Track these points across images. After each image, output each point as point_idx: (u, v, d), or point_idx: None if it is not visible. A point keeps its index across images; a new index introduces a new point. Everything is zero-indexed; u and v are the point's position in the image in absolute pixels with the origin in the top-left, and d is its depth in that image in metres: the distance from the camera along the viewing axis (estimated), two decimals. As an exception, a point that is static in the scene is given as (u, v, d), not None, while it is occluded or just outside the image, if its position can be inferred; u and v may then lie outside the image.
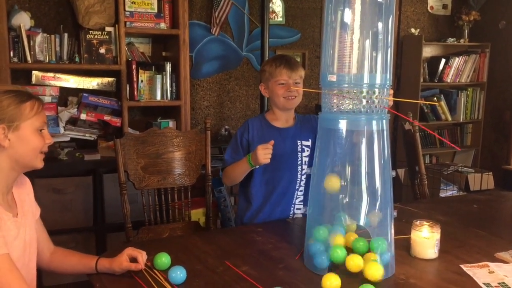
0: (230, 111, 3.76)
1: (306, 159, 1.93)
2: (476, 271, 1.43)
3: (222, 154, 3.28)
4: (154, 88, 3.15)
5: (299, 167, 1.93)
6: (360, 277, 1.35)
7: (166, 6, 3.19)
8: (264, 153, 1.73)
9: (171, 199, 2.18)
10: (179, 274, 1.33)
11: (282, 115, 1.96)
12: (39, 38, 2.92)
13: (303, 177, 1.94)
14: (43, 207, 2.63)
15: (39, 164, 1.36)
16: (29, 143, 1.30)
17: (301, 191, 1.97)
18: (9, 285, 1.15)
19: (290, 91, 1.87)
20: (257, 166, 1.82)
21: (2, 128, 1.25)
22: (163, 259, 1.42)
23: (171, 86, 3.19)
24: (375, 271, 1.33)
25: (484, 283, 1.35)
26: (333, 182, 1.41)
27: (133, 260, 1.40)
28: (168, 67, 3.17)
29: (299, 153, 1.93)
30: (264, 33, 3.15)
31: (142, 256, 1.40)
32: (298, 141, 1.94)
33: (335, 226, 1.45)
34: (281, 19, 3.85)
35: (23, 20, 2.85)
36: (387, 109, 1.42)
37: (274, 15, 3.80)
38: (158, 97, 3.16)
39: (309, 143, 1.95)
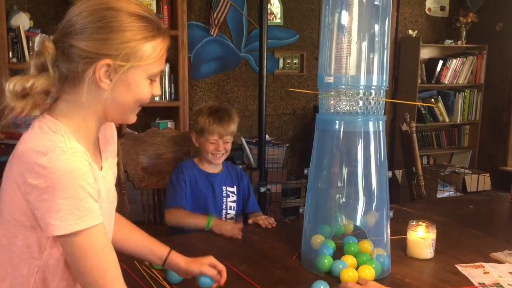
0: (229, 112, 3.77)
1: (232, 204, 1.99)
2: (471, 271, 1.44)
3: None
4: (152, 88, 3.15)
5: (224, 211, 1.97)
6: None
7: (165, 7, 3.20)
8: (233, 228, 1.73)
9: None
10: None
11: (210, 165, 1.99)
12: (38, 38, 2.93)
13: (227, 220, 1.97)
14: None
15: (133, 118, 1.03)
16: (135, 92, 0.96)
17: None
18: (103, 270, 0.91)
19: (218, 150, 1.92)
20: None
21: (106, 65, 0.91)
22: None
23: (170, 87, 3.20)
24: (368, 273, 1.34)
25: (479, 283, 1.37)
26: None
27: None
28: (167, 68, 3.18)
29: (224, 198, 1.98)
30: (263, 35, 3.16)
31: (223, 272, 1.24)
32: (224, 187, 1.98)
33: (333, 227, 1.47)
34: (279, 21, 3.87)
35: (22, 20, 2.86)
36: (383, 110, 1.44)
37: (272, 16, 3.82)
38: (157, 98, 3.17)
39: (234, 189, 2.01)
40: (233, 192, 2.01)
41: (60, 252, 0.94)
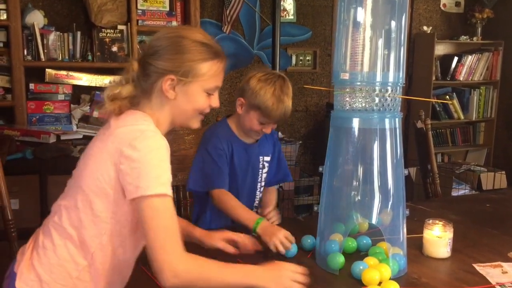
0: (241, 109, 3.76)
1: (265, 175, 1.86)
2: (489, 271, 1.42)
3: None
4: (165, 86, 3.16)
5: (259, 184, 1.86)
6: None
7: (178, 4, 3.20)
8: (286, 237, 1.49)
9: (183, 197, 2.19)
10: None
11: (248, 135, 1.81)
12: (52, 36, 2.95)
13: (260, 193, 1.87)
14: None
15: (196, 124, 1.27)
16: (193, 102, 1.21)
17: (256, 206, 1.89)
18: (172, 232, 1.08)
19: (266, 132, 1.74)
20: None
21: (171, 80, 1.17)
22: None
23: (183, 84, 3.20)
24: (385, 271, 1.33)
25: (497, 283, 1.34)
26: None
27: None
28: (180, 65, 3.18)
29: (260, 170, 1.84)
30: (275, 31, 3.14)
31: (241, 239, 1.43)
32: (261, 157, 1.83)
33: (347, 225, 1.45)
34: (292, 17, 3.85)
35: (36, 18, 2.88)
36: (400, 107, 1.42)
37: (285, 13, 3.80)
38: (170, 95, 3.17)
39: (269, 158, 1.86)
40: (267, 162, 1.85)
41: (127, 220, 1.14)
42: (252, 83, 1.69)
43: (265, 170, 1.85)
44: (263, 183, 1.87)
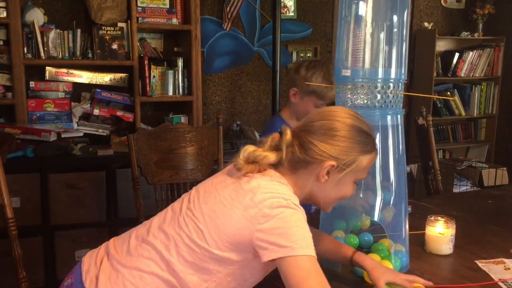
0: (242, 107, 3.76)
1: None
2: (492, 267, 1.42)
3: (233, 149, 3.28)
4: (166, 83, 3.15)
5: None
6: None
7: (178, 1, 3.19)
8: None
9: (184, 194, 2.19)
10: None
11: None
12: (52, 34, 2.94)
13: None
14: (57, 202, 2.66)
15: (330, 210, 1.24)
16: (341, 191, 1.18)
17: None
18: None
19: None
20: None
21: (331, 166, 1.12)
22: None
23: (183, 81, 3.19)
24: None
25: (500, 280, 1.34)
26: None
27: None
28: (180, 62, 3.17)
29: None
30: (276, 28, 3.13)
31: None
32: None
33: (349, 222, 1.45)
34: (292, 14, 3.84)
35: (36, 16, 2.87)
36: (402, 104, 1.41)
37: (285, 9, 3.79)
38: (170, 93, 3.16)
39: None
40: None
41: (241, 275, 1.10)
42: (302, 72, 1.85)
43: None
44: None
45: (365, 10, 1.37)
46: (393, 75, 1.37)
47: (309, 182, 1.15)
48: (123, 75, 3.18)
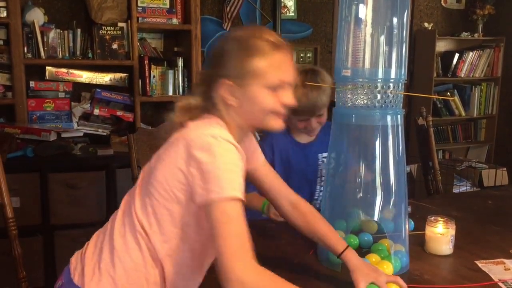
0: (242, 107, 3.76)
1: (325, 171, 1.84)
2: (492, 268, 1.42)
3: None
4: (166, 83, 3.15)
5: (318, 179, 1.86)
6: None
7: (178, 1, 3.19)
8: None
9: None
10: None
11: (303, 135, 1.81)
12: (52, 34, 2.94)
13: (322, 187, 1.87)
14: (57, 202, 2.66)
15: (275, 125, 1.16)
16: (258, 104, 1.12)
17: (319, 201, 1.89)
18: (242, 237, 1.02)
19: (310, 128, 1.69)
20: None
21: (226, 85, 1.11)
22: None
23: (183, 81, 3.19)
24: (386, 268, 1.32)
25: (500, 280, 1.34)
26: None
27: None
28: (180, 62, 3.17)
29: (319, 166, 1.84)
30: (276, 28, 3.14)
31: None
32: (319, 154, 1.85)
33: (349, 222, 1.45)
34: (292, 14, 3.84)
35: (36, 16, 2.87)
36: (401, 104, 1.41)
37: (285, 9, 3.79)
38: (170, 92, 3.16)
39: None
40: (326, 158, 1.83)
41: (196, 224, 1.11)
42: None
43: (325, 165, 1.83)
44: (323, 178, 1.83)
45: (365, 10, 1.37)
46: (393, 75, 1.37)
47: (231, 113, 1.14)
48: (123, 75, 3.18)
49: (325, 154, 1.84)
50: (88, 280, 1.12)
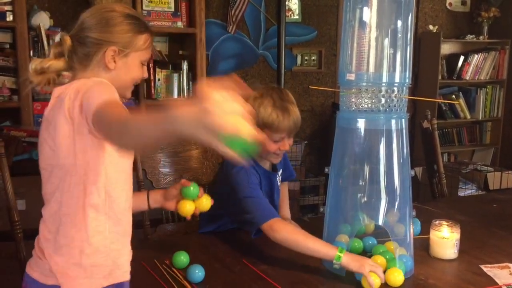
0: (246, 109, 3.76)
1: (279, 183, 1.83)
2: (497, 272, 1.41)
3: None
4: (171, 86, 3.16)
5: (276, 191, 1.80)
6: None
7: (183, 5, 3.20)
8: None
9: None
10: (197, 272, 1.34)
11: (268, 162, 1.73)
12: (58, 37, 2.95)
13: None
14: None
15: (129, 94, 1.35)
16: (131, 72, 1.29)
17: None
18: (120, 112, 1.03)
19: (284, 149, 1.63)
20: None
21: (113, 50, 1.23)
22: (182, 257, 1.42)
23: (188, 84, 3.20)
24: (396, 276, 1.31)
25: (505, 284, 1.33)
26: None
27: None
28: (185, 65, 3.18)
29: (277, 183, 1.80)
30: (281, 31, 3.14)
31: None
32: (279, 183, 1.82)
33: (354, 226, 1.45)
34: (297, 17, 3.84)
35: (42, 19, 2.89)
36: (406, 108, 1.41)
37: (290, 13, 3.79)
38: (175, 96, 3.17)
39: (281, 171, 1.83)
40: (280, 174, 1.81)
41: (96, 157, 1.16)
42: (257, 111, 1.55)
43: (279, 178, 1.82)
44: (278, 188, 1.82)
45: (370, 13, 1.37)
46: (397, 79, 1.37)
47: (101, 74, 1.23)
48: (128, 78, 3.19)
49: (279, 172, 1.80)
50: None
